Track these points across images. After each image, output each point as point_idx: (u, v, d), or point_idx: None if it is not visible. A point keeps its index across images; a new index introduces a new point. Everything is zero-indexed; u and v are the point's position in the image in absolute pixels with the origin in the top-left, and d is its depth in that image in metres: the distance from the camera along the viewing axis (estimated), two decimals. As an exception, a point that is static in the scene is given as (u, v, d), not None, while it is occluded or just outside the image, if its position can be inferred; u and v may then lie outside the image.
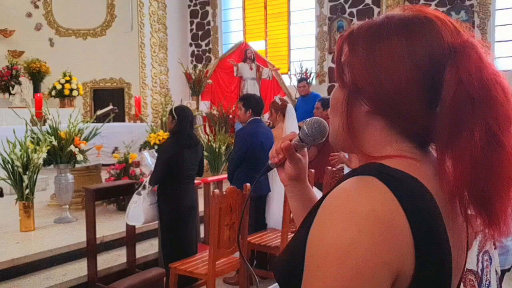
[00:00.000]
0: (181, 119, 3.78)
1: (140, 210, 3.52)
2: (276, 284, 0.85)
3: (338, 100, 0.82)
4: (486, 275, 1.66)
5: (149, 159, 3.84)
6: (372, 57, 0.76)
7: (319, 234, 0.68)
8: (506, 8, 8.13)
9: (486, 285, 1.66)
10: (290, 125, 4.56)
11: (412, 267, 0.66)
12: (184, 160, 3.65)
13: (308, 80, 8.53)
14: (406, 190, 0.69)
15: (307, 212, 1.07)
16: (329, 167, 4.49)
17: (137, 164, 5.86)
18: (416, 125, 0.76)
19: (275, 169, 1.06)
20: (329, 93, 9.74)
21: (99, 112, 6.30)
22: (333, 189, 0.73)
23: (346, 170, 3.98)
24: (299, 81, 8.36)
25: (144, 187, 3.59)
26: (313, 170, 4.17)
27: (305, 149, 1.04)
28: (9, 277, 3.85)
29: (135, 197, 3.59)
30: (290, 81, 9.79)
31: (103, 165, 6.26)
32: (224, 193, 3.34)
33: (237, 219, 3.45)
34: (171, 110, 3.87)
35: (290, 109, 4.62)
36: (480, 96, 0.70)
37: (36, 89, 9.54)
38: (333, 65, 9.79)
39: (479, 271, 1.65)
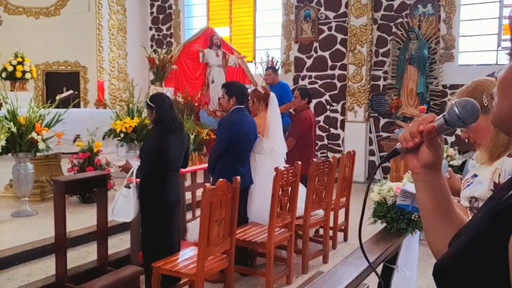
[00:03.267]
0: (158, 105, 3.53)
1: (131, 204, 3.22)
2: None
3: (510, 80, 0.67)
4: None
5: (134, 164, 3.54)
6: None
7: None
8: (471, 4, 8.28)
9: None
10: (273, 114, 4.36)
11: None
12: (171, 149, 3.37)
13: (275, 69, 8.35)
14: None
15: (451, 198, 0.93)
16: (314, 159, 4.33)
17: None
18: None
19: (261, 158, 0.89)
20: (295, 83, 9.61)
21: (59, 97, 5.83)
22: None
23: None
24: (266, 69, 8.18)
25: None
26: (299, 162, 4.00)
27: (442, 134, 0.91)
28: (-35, 279, 3.45)
29: (124, 190, 3.28)
30: (255, 69, 9.57)
31: (63, 153, 5.84)
32: (214, 187, 3.10)
33: (226, 214, 3.22)
34: (146, 103, 3.64)
35: (273, 98, 4.43)
36: None
37: (-18, 71, 8.77)
38: (300, 55, 9.80)
39: None
